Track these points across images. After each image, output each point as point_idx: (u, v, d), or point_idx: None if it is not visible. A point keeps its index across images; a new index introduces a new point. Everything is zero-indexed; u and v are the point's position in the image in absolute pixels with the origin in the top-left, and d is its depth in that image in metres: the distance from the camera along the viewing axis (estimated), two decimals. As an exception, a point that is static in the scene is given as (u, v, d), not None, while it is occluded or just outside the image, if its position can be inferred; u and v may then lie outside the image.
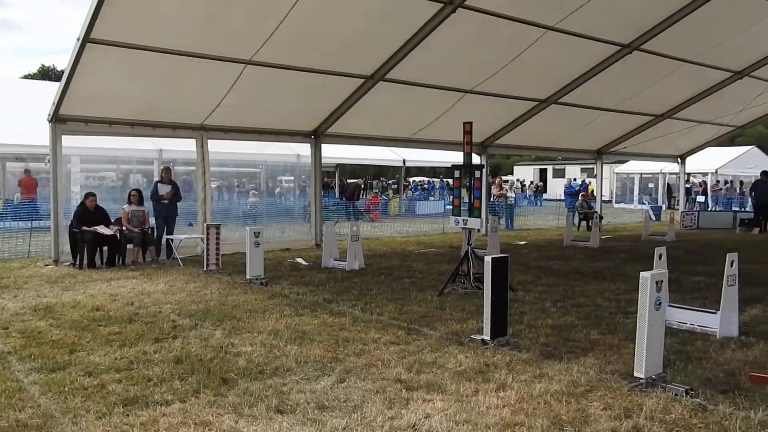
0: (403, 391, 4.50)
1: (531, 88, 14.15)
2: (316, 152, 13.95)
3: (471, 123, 8.56)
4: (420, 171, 59.12)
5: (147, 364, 5.07)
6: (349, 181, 31.74)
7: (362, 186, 28.13)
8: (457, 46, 11.53)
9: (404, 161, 25.11)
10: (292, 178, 26.30)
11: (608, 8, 11.05)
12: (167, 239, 11.59)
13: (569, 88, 14.24)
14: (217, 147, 13.26)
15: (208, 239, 10.12)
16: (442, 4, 10.13)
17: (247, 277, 9.00)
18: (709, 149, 23.21)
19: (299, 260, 11.45)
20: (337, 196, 27.14)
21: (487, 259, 5.79)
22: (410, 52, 11.22)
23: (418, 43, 10.97)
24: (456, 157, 18.19)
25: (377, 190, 34.53)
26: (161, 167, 13.05)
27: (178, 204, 12.24)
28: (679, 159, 21.90)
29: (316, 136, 13.80)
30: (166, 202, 11.83)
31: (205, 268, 10.02)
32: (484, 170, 9.41)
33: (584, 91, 14.32)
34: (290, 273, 10.03)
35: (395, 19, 10.42)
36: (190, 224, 13.78)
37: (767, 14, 12.17)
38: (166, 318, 6.71)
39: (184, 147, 14.60)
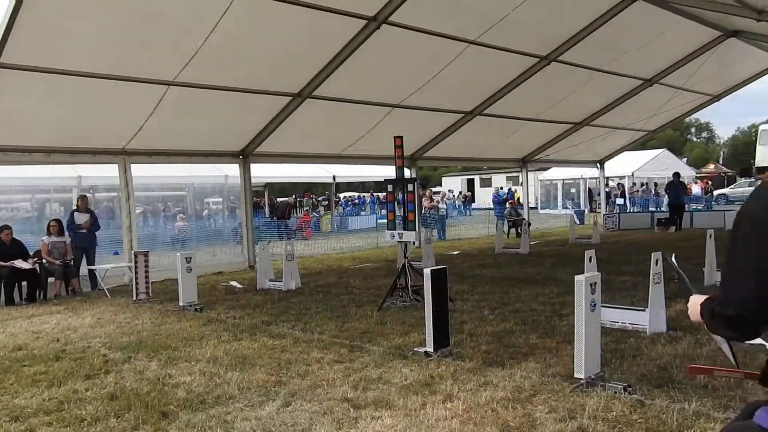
0: (351, 410, 4.44)
1: (457, 100, 14.45)
2: (246, 172, 13.72)
3: (401, 137, 8.64)
4: (349, 186, 59.20)
5: (79, 403, 4.80)
6: (279, 199, 31.36)
7: (293, 204, 27.82)
8: (383, 62, 11.65)
9: (334, 177, 25.07)
10: (220, 199, 25.76)
11: (525, 22, 11.46)
12: (90, 270, 11.09)
13: (493, 100, 14.64)
14: (141, 171, 12.84)
15: (136, 267, 9.74)
16: (366, 21, 10.23)
17: (180, 304, 8.70)
18: (625, 153, 24.32)
19: (233, 283, 11.19)
20: (267, 216, 26.77)
21: (427, 271, 5.83)
22: (337, 68, 11.25)
23: (345, 59, 11.02)
24: (386, 171, 18.37)
25: (308, 208, 34.28)
26: (78, 196, 12.44)
27: (98, 233, 11.73)
28: (598, 164, 22.86)
29: (245, 156, 13.58)
30: (84, 231, 11.27)
31: (134, 298, 9.63)
32: (416, 183, 9.50)
33: (507, 102, 14.76)
34: (225, 297, 9.78)
35: (320, 36, 10.43)
36: (116, 253, 13.24)
37: (671, 25, 12.95)
38: (96, 353, 6.39)
39: (105, 173, 14.07)
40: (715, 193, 38.11)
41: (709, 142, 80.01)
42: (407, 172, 15.16)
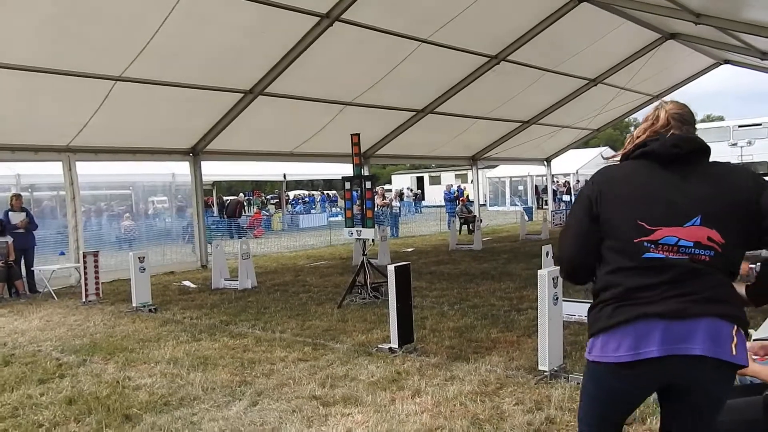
0: (320, 407, 4.43)
1: (408, 98, 14.53)
2: (196, 170, 13.44)
3: (359, 135, 8.66)
4: (298, 185, 58.78)
5: (34, 408, 4.62)
6: (228, 198, 30.85)
7: (243, 202, 27.43)
8: (336, 60, 11.61)
9: (285, 175, 24.84)
10: (165, 198, 25.15)
11: (476, 22, 11.61)
12: (31, 271, 10.65)
13: (444, 98, 14.78)
14: (85, 169, 12.41)
15: (85, 268, 9.41)
16: (318, 18, 10.16)
17: (134, 305, 8.47)
18: (570, 151, 24.99)
19: (187, 283, 10.96)
20: (216, 215, 26.30)
21: (390, 268, 5.85)
22: (289, 65, 11.14)
23: (297, 56, 10.92)
24: (338, 169, 18.33)
25: (257, 206, 33.85)
26: (11, 194, 11.78)
27: (40, 233, 11.24)
28: (545, 161, 23.41)
29: (195, 154, 13.31)
30: (21, 231, 10.75)
31: (83, 300, 9.30)
32: (374, 180, 9.52)
33: (458, 100, 14.93)
34: (179, 297, 9.57)
35: (272, 32, 10.29)
36: (62, 253, 12.76)
37: (615, 27, 13.35)
38: (47, 356, 6.16)
39: (46, 171, 13.53)
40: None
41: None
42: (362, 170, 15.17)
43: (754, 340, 3.20)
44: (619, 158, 2.27)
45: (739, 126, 31.95)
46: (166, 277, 11.89)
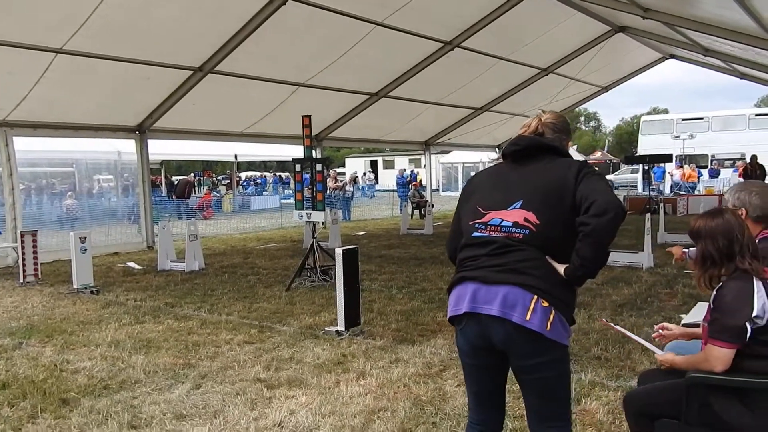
0: (264, 390, 4.42)
1: (362, 81, 14.46)
2: (143, 148, 13.09)
3: (310, 116, 8.59)
4: (250, 166, 57.96)
5: (-35, 392, 4.45)
6: (177, 177, 30.18)
7: (193, 183, 26.89)
8: (289, 39, 11.44)
9: (236, 156, 24.44)
10: (112, 176, 24.41)
11: (430, 7, 11.63)
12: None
13: (398, 82, 14.77)
14: (23, 145, 11.93)
15: (23, 248, 9.09)
16: (271, -5, 9.99)
17: (75, 286, 8.23)
18: (521, 139, 25.36)
19: (131, 264, 10.71)
20: (165, 194, 25.73)
21: (338, 251, 5.85)
22: (240, 44, 10.91)
23: (249, 34, 10.70)
24: (290, 151, 18.12)
25: (208, 186, 33.24)
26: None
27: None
28: (497, 148, 23.69)
29: (142, 132, 12.95)
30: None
31: (21, 281, 8.98)
32: (325, 163, 9.46)
33: (412, 85, 14.94)
34: (123, 279, 9.35)
35: (223, 9, 10.05)
36: (-1, 232, 12.29)
37: (566, 18, 13.56)
38: (-19, 339, 5.94)
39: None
40: (601, 178, 40.53)
41: (597, 131, 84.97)
42: (313, 152, 15.07)
43: (683, 324, 3.35)
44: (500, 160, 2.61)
45: (683, 119, 33.05)
46: (110, 258, 11.59)
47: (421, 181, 26.03)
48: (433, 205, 17.42)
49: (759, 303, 2.47)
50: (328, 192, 19.46)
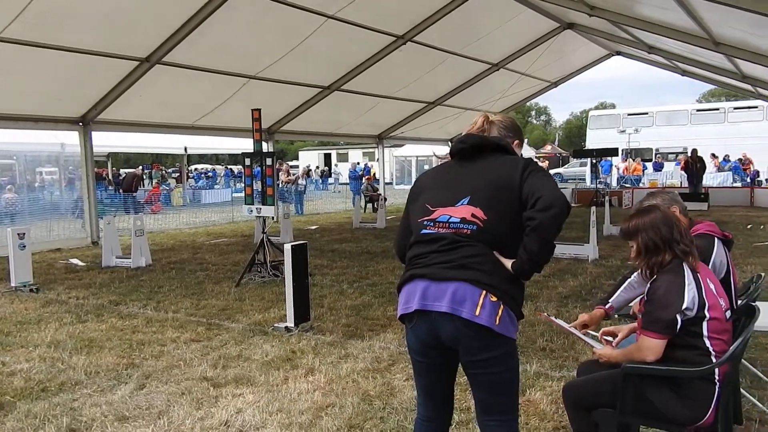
0: (211, 389, 4.36)
1: (315, 75, 14.35)
2: (86, 140, 12.67)
3: (260, 110, 8.47)
4: (201, 158, 56.92)
5: None
6: (125, 171, 29.39)
7: (141, 176, 26.24)
8: (240, 31, 11.25)
9: (186, 148, 23.96)
10: (56, 169, 23.61)
11: (382, 1, 11.61)
12: None
13: (351, 76, 14.71)
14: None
15: (-43, 244, 8.71)
16: (221, -15, 9.79)
17: (12, 284, 7.93)
18: (474, 133, 25.63)
19: (74, 261, 10.38)
20: (111, 188, 25.04)
21: (287, 246, 5.80)
22: (189, 34, 10.66)
23: (198, 25, 10.46)
24: (242, 144, 17.86)
25: (157, 180, 32.50)
26: None
27: None
28: (449, 142, 23.87)
29: (86, 123, 12.54)
30: None
31: (-45, 278, 8.62)
32: (275, 157, 9.36)
33: (365, 78, 14.90)
34: (65, 276, 9.05)
35: (172, -2, 9.83)
36: (-69, 228, 11.71)
37: (517, 14, 13.74)
38: None
39: None
40: (552, 172, 41.45)
41: (547, 124, 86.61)
42: (265, 146, 14.92)
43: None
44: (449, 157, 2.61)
45: (629, 114, 33.99)
46: (51, 255, 11.21)
47: (374, 174, 26.02)
48: (386, 199, 17.45)
49: (689, 295, 2.57)
50: (280, 186, 19.29)
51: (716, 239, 3.39)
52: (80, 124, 12.49)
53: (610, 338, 3.15)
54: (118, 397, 4.23)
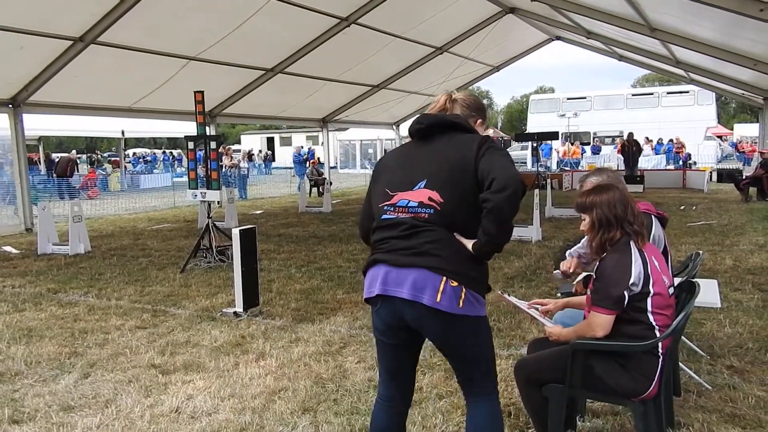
0: (159, 376, 4.28)
1: (258, 57, 14.11)
2: (17, 123, 12.09)
3: (202, 92, 8.27)
4: (139, 142, 55.25)
5: None
6: (57, 155, 28.20)
7: (75, 160, 25.24)
8: (180, 10, 10.93)
9: (123, 132, 23.20)
10: (-16, 154, 22.47)
11: (328, -19, 11.50)
12: None
13: (295, 58, 14.53)
14: None
15: None
16: (160, -36, 9.48)
17: (-59, 274, 7.56)
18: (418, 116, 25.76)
19: (7, 248, 9.93)
20: (43, 173, 24.02)
21: (235, 231, 5.72)
22: (126, 13, 10.29)
23: (135, 3, 10.11)
24: (182, 127, 17.41)
25: (93, 164, 31.34)
26: None
27: None
28: (394, 126, 23.96)
29: (16, 105, 11.96)
30: None
31: None
32: (220, 140, 9.17)
33: (309, 61, 14.74)
34: (-2, 264, 8.68)
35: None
36: None
37: (461, -4, 13.87)
38: None
39: None
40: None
41: (489, 108, 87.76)
42: (207, 129, 14.58)
43: (561, 294, 3.58)
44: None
45: (568, 98, 34.82)
46: (-18, 243, 10.70)
47: (319, 158, 25.87)
48: (331, 183, 17.39)
49: (635, 271, 2.69)
50: (224, 170, 18.93)
51: (653, 217, 3.56)
52: (10, 106, 11.91)
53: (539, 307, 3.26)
54: (61, 386, 4.11)
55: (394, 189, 2.44)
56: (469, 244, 2.32)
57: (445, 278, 2.28)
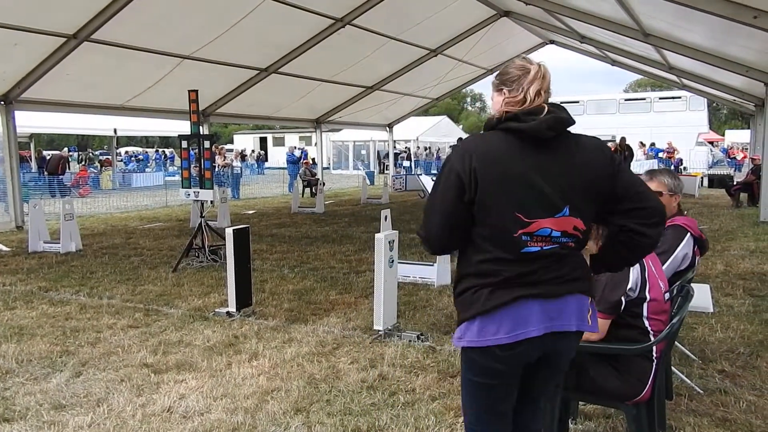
0: (152, 375, 4.26)
1: (252, 56, 14.08)
2: (9, 121, 12.01)
3: (196, 91, 8.25)
4: (131, 141, 55.01)
5: None
6: (49, 152, 28.04)
7: (67, 158, 25.12)
8: (174, 9, 10.90)
9: (115, 130, 23.09)
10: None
11: (323, -18, 11.49)
12: None
13: (289, 58, 14.50)
14: None
15: None
16: (155, -39, 9.44)
17: (-69, 271, 7.50)
18: (411, 119, 25.78)
19: (-2, 247, 9.88)
20: (35, 170, 23.88)
21: (229, 231, 5.71)
22: (120, 10, 10.24)
23: (129, 2, 10.07)
24: (175, 126, 17.35)
25: (84, 162, 31.19)
26: None
27: None
28: (387, 127, 23.96)
29: (8, 102, 11.88)
30: None
31: None
32: (213, 140, 9.15)
33: (303, 61, 14.73)
34: (-11, 262, 8.62)
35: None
36: None
37: (454, 0, 13.89)
38: None
39: None
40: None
41: (482, 111, 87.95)
42: (201, 128, 14.51)
43: None
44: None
45: (561, 102, 34.87)
46: (-28, 240, 10.63)
47: (313, 159, 25.84)
48: (324, 184, 17.38)
49: (633, 277, 2.72)
50: (216, 170, 18.87)
51: (689, 234, 3.50)
52: (2, 103, 11.83)
53: None
54: (53, 385, 4.08)
55: (531, 215, 2.04)
56: (587, 257, 2.25)
57: (590, 299, 2.18)
